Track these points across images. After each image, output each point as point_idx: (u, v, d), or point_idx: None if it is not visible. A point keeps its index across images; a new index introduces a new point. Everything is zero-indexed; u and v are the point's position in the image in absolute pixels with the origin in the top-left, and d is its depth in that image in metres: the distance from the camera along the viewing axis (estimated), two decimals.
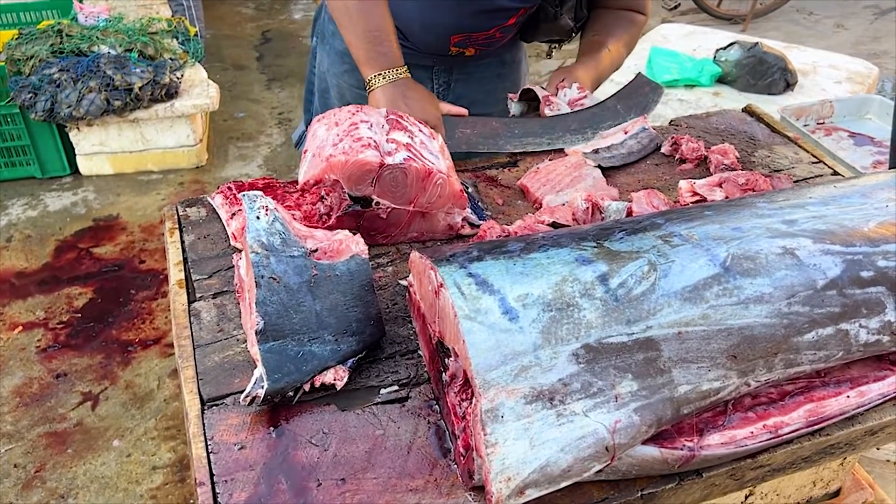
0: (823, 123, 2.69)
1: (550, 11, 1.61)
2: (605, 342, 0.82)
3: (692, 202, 1.31)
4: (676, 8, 5.83)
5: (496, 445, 0.76)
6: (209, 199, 1.30)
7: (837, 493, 1.52)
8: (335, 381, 0.94)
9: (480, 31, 1.58)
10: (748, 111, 1.72)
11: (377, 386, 0.98)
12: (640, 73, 1.75)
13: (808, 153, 1.56)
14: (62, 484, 2.15)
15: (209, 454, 0.87)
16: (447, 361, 0.88)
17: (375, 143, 1.18)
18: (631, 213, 1.23)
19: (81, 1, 3.80)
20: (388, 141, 1.21)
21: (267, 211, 0.99)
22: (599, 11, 1.72)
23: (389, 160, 1.16)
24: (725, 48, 3.08)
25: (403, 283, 1.16)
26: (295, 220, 1.09)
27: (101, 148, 3.51)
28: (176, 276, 1.14)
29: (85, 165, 3.56)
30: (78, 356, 2.58)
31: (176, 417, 2.36)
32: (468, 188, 1.38)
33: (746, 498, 1.37)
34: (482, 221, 1.27)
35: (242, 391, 0.92)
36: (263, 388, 0.89)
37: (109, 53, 3.38)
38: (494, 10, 1.54)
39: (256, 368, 0.93)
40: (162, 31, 3.75)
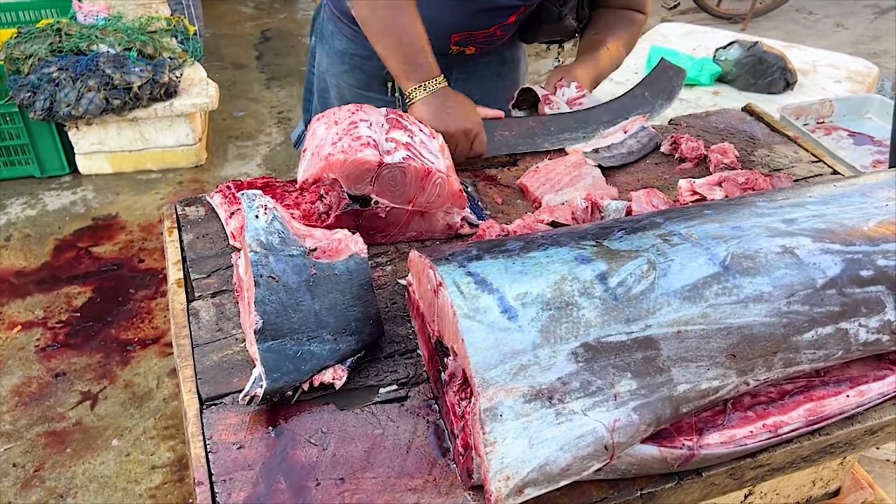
0: (823, 123, 2.69)
1: (554, 11, 1.61)
2: (604, 341, 0.82)
3: (692, 201, 1.31)
4: (676, 7, 5.83)
5: (495, 444, 0.76)
6: (208, 198, 1.30)
7: (837, 492, 1.52)
8: (334, 380, 0.94)
9: (481, 29, 1.58)
10: (748, 110, 1.72)
11: (376, 385, 0.97)
12: (662, 58, 1.76)
13: (807, 152, 1.56)
14: (61, 483, 2.14)
15: (208, 453, 0.87)
16: (446, 360, 0.88)
17: (374, 142, 1.18)
18: (630, 212, 1.23)
19: (80, 0, 3.79)
20: (387, 140, 1.21)
21: (266, 210, 0.99)
22: (600, 10, 1.72)
23: (388, 159, 1.16)
24: (725, 47, 3.07)
25: (402, 282, 1.16)
26: (294, 219, 1.09)
27: (100, 147, 3.51)
28: (175, 275, 1.14)
29: (84, 164, 3.56)
30: (77, 355, 2.58)
31: (175, 417, 2.36)
32: (467, 187, 1.38)
33: (746, 497, 1.37)
34: (481, 221, 1.27)
35: (241, 390, 0.92)
36: (262, 387, 0.89)
37: (108, 52, 3.37)
38: (495, 8, 1.54)
39: (255, 368, 0.93)
40: (161, 29, 3.74)
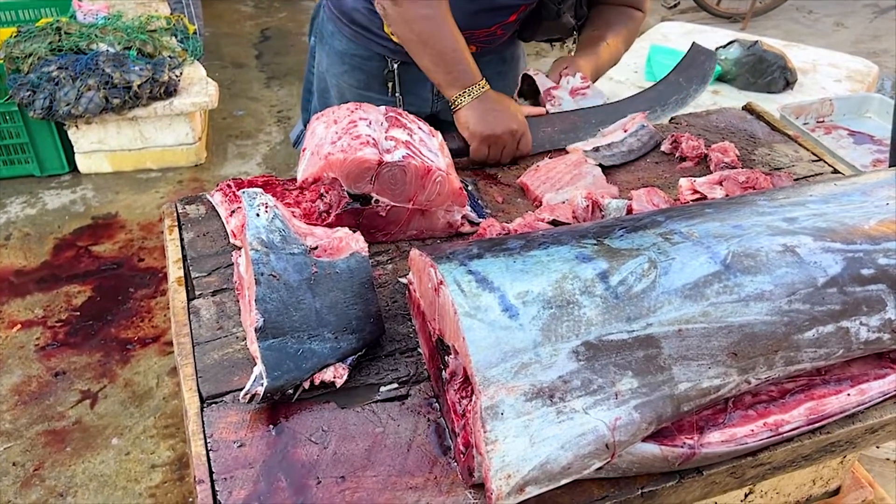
0: (823, 122, 2.69)
1: (552, 9, 1.61)
2: (605, 339, 0.82)
3: (692, 200, 1.30)
4: (676, 6, 5.83)
5: (496, 443, 0.76)
6: (208, 196, 1.29)
7: (837, 491, 1.52)
8: (335, 378, 0.94)
9: (482, 28, 1.58)
10: (748, 109, 1.72)
11: (377, 384, 0.97)
12: (694, 42, 1.76)
13: (808, 151, 1.56)
14: (61, 482, 2.14)
15: (208, 452, 0.87)
16: (447, 359, 0.88)
17: (374, 140, 1.18)
18: (631, 210, 1.23)
19: None
20: (386, 139, 1.20)
21: (267, 208, 0.99)
22: (599, 8, 1.73)
23: (388, 158, 1.16)
24: (725, 46, 3.07)
25: (403, 280, 1.15)
26: (294, 217, 1.09)
27: (99, 146, 3.50)
28: (175, 273, 1.14)
29: (84, 163, 3.55)
30: (77, 354, 2.58)
31: (175, 416, 2.36)
32: (468, 186, 1.38)
33: (746, 496, 1.37)
34: (482, 219, 1.27)
35: (242, 389, 0.92)
36: (263, 385, 0.89)
37: (108, 51, 3.37)
38: (496, 7, 1.54)
39: (256, 366, 0.92)
40: (161, 28, 3.74)
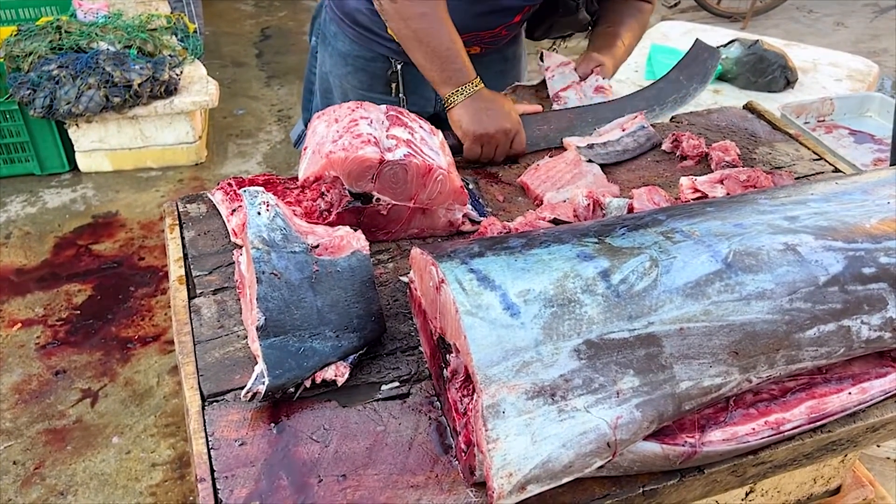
0: (824, 121, 2.69)
1: (571, 4, 1.62)
2: (606, 338, 0.82)
3: (693, 199, 1.30)
4: (676, 6, 5.82)
5: (497, 441, 0.76)
6: (209, 195, 1.29)
7: (838, 490, 1.52)
8: (336, 377, 0.94)
9: (487, 29, 1.59)
10: (749, 108, 1.72)
11: (378, 382, 0.97)
12: (697, 39, 1.75)
13: (809, 150, 1.56)
14: (61, 481, 2.14)
15: (210, 450, 0.87)
16: (448, 357, 0.88)
17: (375, 139, 1.18)
18: (632, 209, 1.23)
19: None
20: (388, 137, 1.20)
21: (268, 207, 0.99)
22: (609, 3, 1.74)
23: (389, 156, 1.16)
24: (726, 46, 3.07)
25: (404, 279, 1.16)
26: (296, 216, 1.09)
27: (100, 145, 3.50)
28: (176, 272, 1.14)
29: (84, 162, 3.55)
30: (77, 353, 2.58)
31: (175, 414, 2.36)
32: (469, 185, 1.38)
33: (747, 495, 1.37)
34: (483, 218, 1.27)
35: (243, 387, 0.92)
36: (264, 384, 0.89)
37: (108, 50, 3.37)
38: (501, 9, 1.55)
39: (257, 364, 0.92)
40: (161, 27, 3.74)
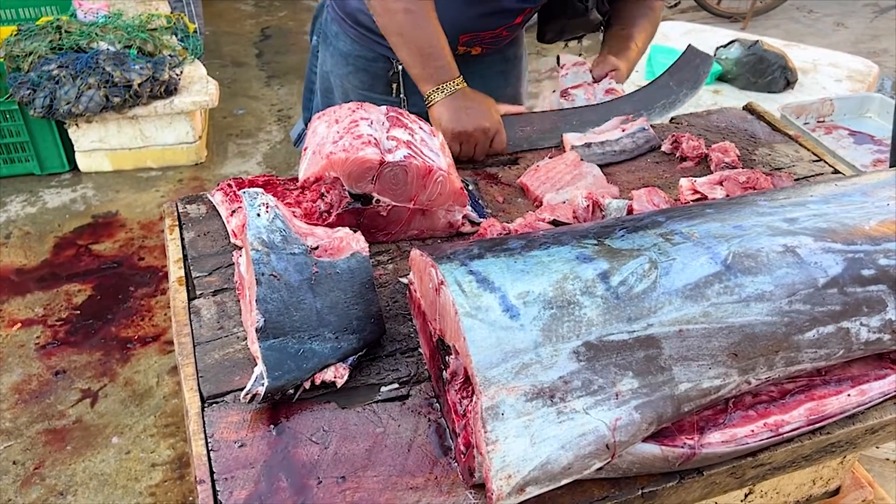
0: (824, 122, 2.69)
1: (580, 6, 1.63)
2: (605, 340, 0.82)
3: (693, 200, 1.30)
4: (676, 6, 5.83)
5: (497, 443, 0.76)
6: (209, 195, 1.29)
7: (837, 491, 1.52)
8: (335, 378, 0.94)
9: (488, 30, 1.59)
10: (749, 109, 1.72)
11: (377, 384, 0.97)
12: (690, 44, 1.75)
13: (808, 151, 1.56)
14: (61, 481, 2.14)
15: (209, 452, 0.87)
16: (448, 359, 0.88)
17: (376, 140, 1.18)
18: (631, 210, 1.23)
19: None
20: (388, 138, 1.20)
21: (268, 208, 0.99)
22: (621, 3, 1.74)
23: (390, 157, 1.16)
24: (726, 46, 3.07)
25: (404, 280, 1.16)
26: (295, 217, 1.09)
27: (100, 145, 3.50)
28: (176, 273, 1.14)
29: (84, 162, 3.56)
30: (77, 353, 2.58)
31: (175, 414, 2.36)
32: (468, 186, 1.38)
33: (746, 496, 1.37)
34: (482, 219, 1.27)
35: (243, 388, 0.92)
36: (264, 385, 0.89)
37: (108, 50, 3.37)
38: (502, 10, 1.56)
39: (257, 366, 0.92)
40: (161, 27, 3.74)
